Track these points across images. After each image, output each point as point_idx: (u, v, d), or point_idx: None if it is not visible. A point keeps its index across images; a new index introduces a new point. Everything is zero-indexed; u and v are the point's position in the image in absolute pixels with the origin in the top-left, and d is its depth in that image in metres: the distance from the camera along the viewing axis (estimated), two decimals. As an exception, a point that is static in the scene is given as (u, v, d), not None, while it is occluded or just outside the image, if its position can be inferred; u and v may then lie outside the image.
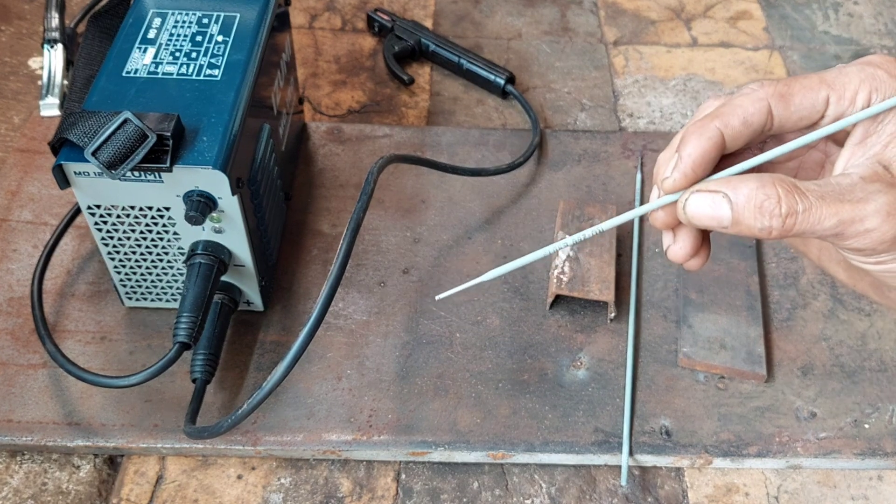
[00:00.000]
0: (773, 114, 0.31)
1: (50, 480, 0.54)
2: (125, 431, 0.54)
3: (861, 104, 0.30)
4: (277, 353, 0.59)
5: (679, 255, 0.34)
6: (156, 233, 0.53)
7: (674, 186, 0.32)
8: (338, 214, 0.68)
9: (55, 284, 0.62)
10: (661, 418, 0.57)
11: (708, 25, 0.91)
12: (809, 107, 0.30)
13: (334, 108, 0.79)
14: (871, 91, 0.29)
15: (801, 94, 0.30)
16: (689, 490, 0.55)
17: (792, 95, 0.30)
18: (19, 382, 0.56)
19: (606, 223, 0.34)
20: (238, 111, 0.52)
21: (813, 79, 0.30)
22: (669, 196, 0.32)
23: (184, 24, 0.56)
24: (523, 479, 0.55)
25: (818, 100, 0.30)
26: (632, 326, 0.60)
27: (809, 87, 0.30)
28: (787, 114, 0.31)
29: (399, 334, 0.60)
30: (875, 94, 0.29)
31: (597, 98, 0.82)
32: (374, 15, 0.86)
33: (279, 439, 0.54)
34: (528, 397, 0.57)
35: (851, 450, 0.55)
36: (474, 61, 0.81)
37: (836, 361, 0.60)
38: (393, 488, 0.55)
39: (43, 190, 0.68)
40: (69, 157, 0.48)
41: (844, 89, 0.30)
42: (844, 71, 0.30)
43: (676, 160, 0.31)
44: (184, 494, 0.53)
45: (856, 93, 0.30)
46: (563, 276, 0.60)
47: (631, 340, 0.60)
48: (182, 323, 0.50)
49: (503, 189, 0.71)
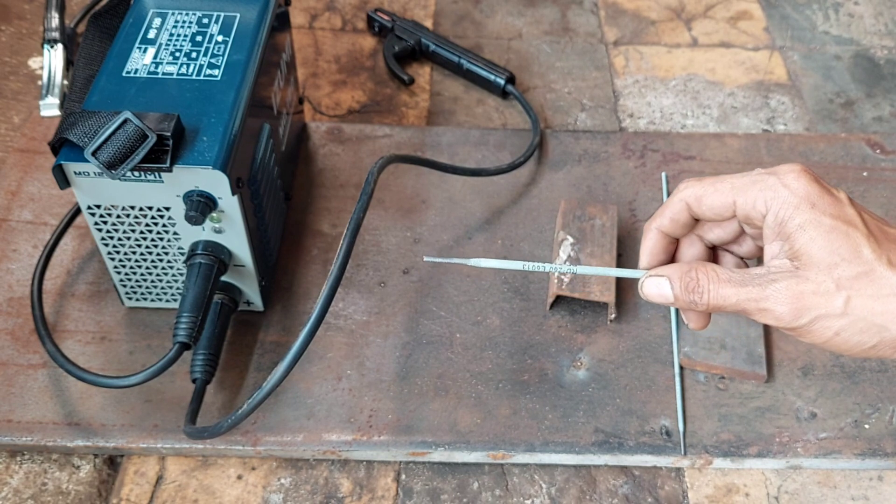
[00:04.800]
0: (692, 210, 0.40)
1: (50, 480, 0.54)
2: (125, 431, 0.54)
3: (760, 208, 0.37)
4: (277, 353, 0.59)
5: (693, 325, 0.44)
6: (156, 233, 0.53)
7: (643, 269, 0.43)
8: (338, 214, 0.68)
9: (55, 284, 0.62)
10: (661, 418, 0.57)
11: (708, 25, 0.91)
12: (720, 206, 0.39)
13: (334, 108, 0.79)
14: (766, 200, 0.37)
15: (712, 197, 0.39)
16: (689, 490, 0.55)
17: (705, 197, 0.39)
18: (19, 382, 0.56)
19: (590, 269, 0.44)
20: (238, 111, 0.52)
21: (726, 184, 0.39)
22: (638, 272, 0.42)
23: (184, 24, 0.56)
24: (523, 480, 0.55)
25: (727, 202, 0.38)
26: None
27: (721, 191, 0.39)
28: (701, 211, 0.40)
29: (399, 334, 0.60)
30: (770, 202, 0.37)
31: (597, 98, 0.82)
32: (375, 15, 0.86)
33: (279, 439, 0.54)
34: (528, 397, 0.57)
35: (851, 450, 0.55)
36: (474, 61, 0.81)
37: (836, 362, 0.60)
38: (393, 488, 0.55)
39: (43, 190, 0.68)
40: (69, 157, 0.48)
41: (747, 195, 0.38)
42: (753, 179, 0.38)
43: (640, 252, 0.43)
44: (184, 495, 0.53)
45: (755, 200, 0.37)
46: (563, 277, 0.60)
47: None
48: (182, 323, 0.50)
49: (503, 189, 0.70)
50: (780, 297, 0.36)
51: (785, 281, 0.36)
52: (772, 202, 0.37)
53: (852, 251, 0.36)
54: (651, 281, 0.40)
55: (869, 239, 0.36)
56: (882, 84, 0.85)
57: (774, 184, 0.37)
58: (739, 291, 0.37)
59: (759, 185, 0.38)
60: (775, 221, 0.37)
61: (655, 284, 0.40)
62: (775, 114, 0.81)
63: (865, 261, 0.35)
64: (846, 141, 0.76)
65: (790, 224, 0.36)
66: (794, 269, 0.37)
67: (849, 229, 0.36)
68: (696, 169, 0.73)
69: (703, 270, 0.39)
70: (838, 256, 0.35)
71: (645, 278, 0.41)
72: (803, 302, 0.36)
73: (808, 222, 0.36)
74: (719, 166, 0.73)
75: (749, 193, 0.38)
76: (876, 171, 0.73)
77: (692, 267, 0.39)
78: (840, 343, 0.37)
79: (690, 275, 0.39)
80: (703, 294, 0.38)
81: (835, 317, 0.36)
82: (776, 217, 0.37)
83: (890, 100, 0.83)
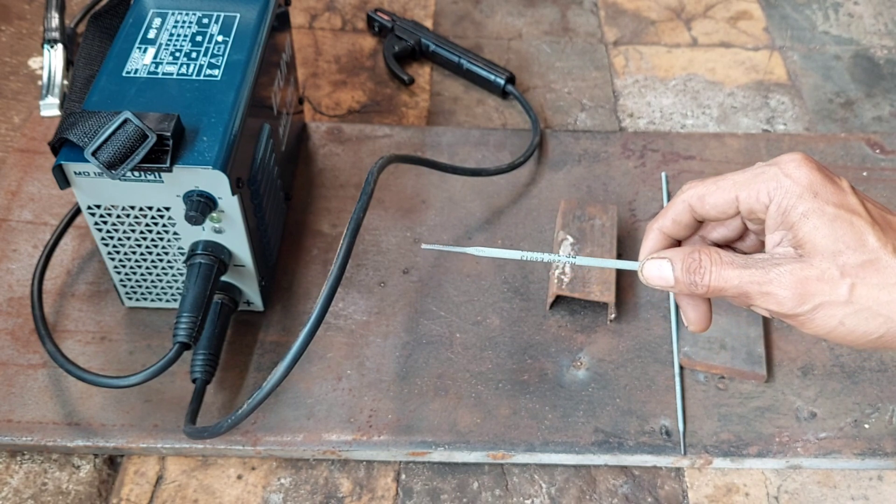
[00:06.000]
0: (695, 210, 0.40)
1: (50, 480, 0.54)
2: (125, 431, 0.54)
3: (763, 200, 0.37)
4: (277, 353, 0.59)
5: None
6: (156, 233, 0.53)
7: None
8: (338, 214, 0.68)
9: (55, 284, 0.62)
10: (660, 418, 0.57)
11: (708, 25, 0.91)
12: (723, 204, 0.39)
13: (334, 108, 0.79)
14: (768, 191, 0.37)
15: (715, 195, 0.39)
16: (689, 490, 0.55)
17: (708, 196, 0.39)
18: (19, 382, 0.56)
19: (588, 260, 0.43)
20: (238, 111, 0.52)
21: (728, 181, 0.39)
22: (635, 263, 0.42)
23: (184, 24, 0.56)
24: (523, 480, 0.55)
25: (730, 199, 0.38)
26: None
27: (723, 188, 0.39)
28: (704, 210, 0.40)
29: (399, 334, 0.60)
30: (773, 193, 0.37)
31: (597, 98, 0.82)
32: (375, 15, 0.86)
33: (279, 439, 0.54)
34: (528, 397, 0.57)
35: (851, 450, 0.55)
36: (474, 61, 0.81)
37: (836, 362, 0.60)
38: (393, 488, 0.55)
39: (43, 190, 0.68)
40: (69, 157, 0.48)
41: (750, 189, 0.38)
42: (754, 173, 0.38)
43: (640, 251, 0.43)
44: (184, 494, 0.53)
45: (758, 192, 0.37)
46: (563, 277, 0.60)
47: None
48: (182, 323, 0.50)
49: (503, 189, 0.71)
50: (783, 281, 0.36)
51: (789, 265, 0.36)
52: (774, 192, 0.37)
53: (857, 239, 0.35)
54: (652, 263, 0.40)
55: (873, 227, 0.36)
56: (882, 84, 0.85)
57: (776, 174, 0.37)
58: (742, 273, 0.37)
59: (761, 177, 0.37)
60: (778, 211, 0.37)
61: (657, 266, 0.39)
62: (775, 114, 0.81)
63: (871, 249, 0.35)
64: (846, 141, 0.76)
65: (793, 213, 0.36)
66: (798, 255, 0.36)
67: (852, 217, 0.35)
68: (695, 169, 0.73)
69: (706, 252, 0.38)
70: (842, 244, 0.35)
71: (646, 260, 0.40)
72: (807, 287, 0.35)
73: (810, 211, 0.36)
74: (719, 166, 0.73)
75: (751, 187, 0.38)
76: (876, 171, 0.73)
77: (695, 249, 0.39)
78: (844, 333, 0.36)
79: (693, 256, 0.38)
80: (704, 275, 0.38)
81: (839, 304, 0.35)
82: (779, 207, 0.37)
83: (890, 100, 0.83)
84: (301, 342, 0.47)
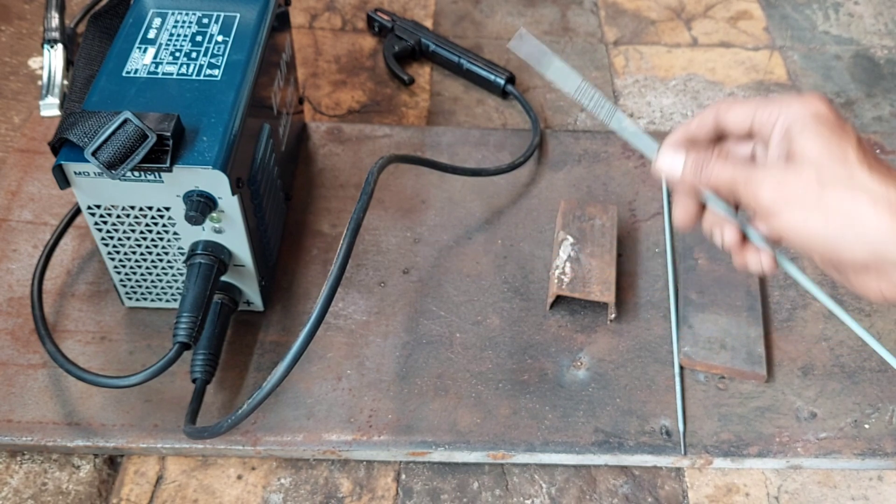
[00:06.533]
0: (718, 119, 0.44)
1: (50, 480, 0.54)
2: (125, 431, 0.54)
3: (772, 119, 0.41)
4: (277, 353, 0.59)
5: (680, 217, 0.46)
6: (156, 233, 0.53)
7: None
8: (338, 214, 0.68)
9: (55, 284, 0.62)
10: (661, 418, 0.57)
11: (708, 25, 0.91)
12: (742, 117, 0.43)
13: (334, 108, 0.79)
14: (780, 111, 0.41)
15: (737, 108, 0.43)
16: (689, 490, 0.55)
17: (732, 108, 0.43)
18: (19, 382, 0.56)
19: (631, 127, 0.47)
20: (238, 111, 0.52)
21: (753, 101, 0.43)
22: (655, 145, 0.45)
23: (184, 24, 0.56)
24: (523, 480, 0.55)
25: (748, 113, 0.43)
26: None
27: (746, 105, 0.43)
28: (725, 120, 0.44)
29: (399, 334, 0.60)
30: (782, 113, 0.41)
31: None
32: (374, 15, 0.86)
33: (279, 439, 0.54)
34: (528, 397, 0.57)
35: (851, 450, 0.55)
36: (474, 61, 0.81)
37: (836, 362, 0.60)
38: (393, 488, 0.55)
39: (43, 190, 0.68)
40: (69, 157, 0.48)
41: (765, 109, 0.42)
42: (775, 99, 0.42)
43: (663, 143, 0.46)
44: (184, 494, 0.53)
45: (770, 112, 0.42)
46: (563, 277, 0.60)
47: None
48: (182, 323, 0.50)
49: (503, 189, 0.71)
50: (766, 182, 0.39)
51: (774, 169, 0.40)
52: (783, 113, 0.41)
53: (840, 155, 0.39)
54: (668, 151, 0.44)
55: (857, 150, 0.39)
56: (882, 84, 0.85)
57: (791, 101, 0.41)
58: (735, 168, 0.41)
59: (779, 101, 0.42)
60: (782, 128, 0.41)
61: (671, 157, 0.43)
62: (775, 114, 0.81)
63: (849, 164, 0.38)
64: (846, 141, 0.76)
65: (793, 129, 0.40)
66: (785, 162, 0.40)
67: (842, 141, 0.39)
68: (696, 169, 0.73)
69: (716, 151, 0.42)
70: (826, 158, 0.39)
71: (666, 145, 0.44)
72: (784, 188, 0.39)
73: (808, 128, 0.40)
74: (719, 166, 0.73)
75: (768, 108, 0.42)
76: (876, 171, 0.73)
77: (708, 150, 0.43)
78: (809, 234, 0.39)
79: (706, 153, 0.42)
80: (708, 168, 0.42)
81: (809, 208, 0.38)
82: (783, 125, 0.41)
83: (890, 100, 0.83)
84: (301, 342, 0.47)
